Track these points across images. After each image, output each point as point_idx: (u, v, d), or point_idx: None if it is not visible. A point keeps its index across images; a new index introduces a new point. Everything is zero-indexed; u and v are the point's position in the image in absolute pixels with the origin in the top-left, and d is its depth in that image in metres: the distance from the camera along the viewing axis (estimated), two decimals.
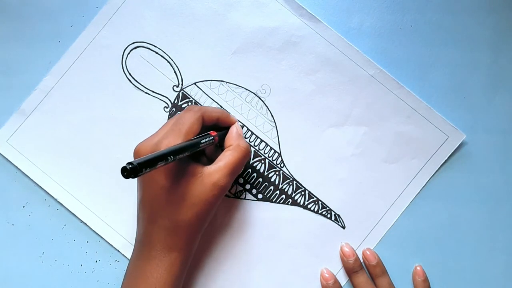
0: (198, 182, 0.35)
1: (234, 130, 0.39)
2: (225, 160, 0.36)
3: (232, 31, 0.43)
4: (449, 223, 0.43)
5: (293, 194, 0.43)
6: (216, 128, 0.39)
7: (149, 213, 0.36)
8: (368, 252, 0.42)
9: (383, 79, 0.43)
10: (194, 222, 0.35)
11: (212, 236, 0.42)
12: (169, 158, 0.30)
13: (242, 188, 0.43)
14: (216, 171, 0.35)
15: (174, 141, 0.34)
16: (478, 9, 0.43)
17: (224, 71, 0.43)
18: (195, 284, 0.42)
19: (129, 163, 0.27)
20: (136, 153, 0.35)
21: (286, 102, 0.43)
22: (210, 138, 0.37)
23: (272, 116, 0.43)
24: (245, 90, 0.43)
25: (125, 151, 0.43)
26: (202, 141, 0.35)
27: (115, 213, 0.42)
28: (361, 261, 0.42)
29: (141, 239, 0.37)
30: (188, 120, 0.36)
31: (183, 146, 0.33)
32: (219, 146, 0.40)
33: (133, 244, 0.38)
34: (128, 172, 0.27)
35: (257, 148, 0.43)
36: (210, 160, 0.38)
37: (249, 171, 0.43)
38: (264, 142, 0.43)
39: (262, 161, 0.43)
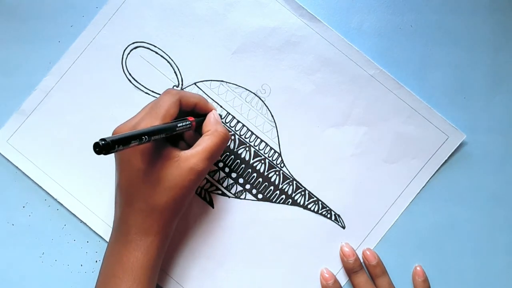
0: (175, 166, 0.35)
1: (211, 116, 0.39)
2: (203, 145, 0.36)
3: (232, 31, 0.43)
4: (449, 223, 0.43)
5: (293, 194, 0.43)
6: (194, 114, 0.39)
7: (125, 196, 0.36)
8: (368, 252, 0.42)
9: (383, 79, 0.43)
10: (170, 206, 0.35)
11: (212, 236, 0.42)
12: (143, 138, 0.30)
13: (242, 188, 0.43)
14: (193, 156, 0.35)
15: (150, 123, 0.34)
16: (478, 9, 0.43)
17: (224, 71, 0.43)
18: (194, 284, 0.42)
19: (102, 139, 0.27)
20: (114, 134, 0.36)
21: (286, 102, 0.43)
22: (187, 122, 0.37)
23: (272, 116, 0.43)
24: (245, 90, 0.43)
25: None
26: (179, 125, 0.35)
27: None
28: (361, 261, 0.42)
29: (118, 223, 0.37)
30: (165, 103, 0.36)
31: (158, 128, 0.33)
32: (198, 133, 0.40)
33: None
34: (100, 148, 0.27)
35: (257, 148, 0.43)
36: (189, 146, 0.38)
37: (249, 171, 0.43)
38: (264, 142, 0.43)
39: (262, 161, 0.43)
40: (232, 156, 0.43)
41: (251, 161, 0.43)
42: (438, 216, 0.43)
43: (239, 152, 0.43)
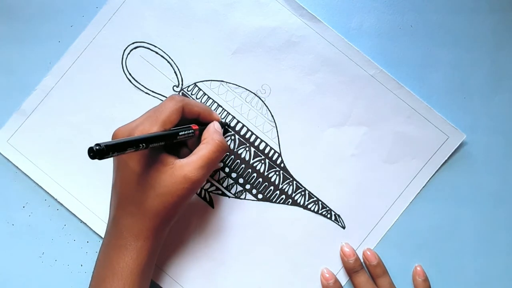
0: (169, 173, 0.34)
1: (212, 125, 0.38)
2: (198, 153, 0.35)
3: (232, 31, 0.43)
4: (449, 223, 0.43)
5: (293, 194, 0.43)
6: (199, 123, 0.39)
7: (119, 198, 0.36)
8: (368, 253, 0.42)
9: (383, 79, 0.43)
10: (161, 213, 0.35)
11: (212, 236, 0.42)
12: (140, 145, 0.30)
13: (242, 188, 0.43)
14: (187, 164, 0.35)
15: (149, 127, 0.34)
16: (478, 9, 0.43)
17: (224, 71, 0.43)
18: (194, 284, 0.42)
19: (96, 144, 0.27)
20: (113, 137, 0.36)
21: (286, 102, 0.43)
22: (190, 131, 0.36)
23: (272, 116, 0.43)
24: (245, 90, 0.43)
25: None
26: (181, 133, 0.35)
27: None
28: (361, 261, 0.42)
29: (110, 225, 0.37)
30: (167, 109, 0.35)
31: (158, 135, 0.33)
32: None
33: None
34: (94, 153, 0.27)
35: (257, 148, 0.43)
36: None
37: (249, 171, 0.43)
38: (264, 142, 0.43)
39: (262, 161, 0.43)
40: (232, 156, 0.43)
41: (251, 161, 0.43)
42: (438, 216, 0.43)
43: (239, 152, 0.43)
